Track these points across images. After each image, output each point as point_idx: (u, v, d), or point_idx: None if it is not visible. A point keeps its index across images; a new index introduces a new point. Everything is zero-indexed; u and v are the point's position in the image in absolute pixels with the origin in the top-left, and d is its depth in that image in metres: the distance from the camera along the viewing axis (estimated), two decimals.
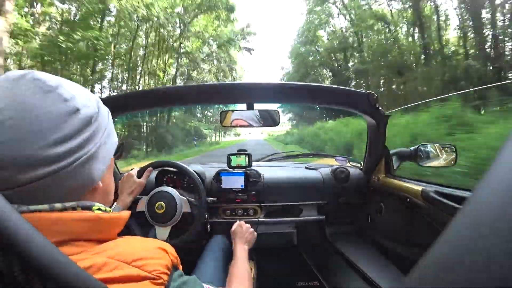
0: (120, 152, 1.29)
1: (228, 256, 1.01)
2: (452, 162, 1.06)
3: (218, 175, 1.32)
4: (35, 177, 0.32)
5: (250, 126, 1.10)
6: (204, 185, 1.15)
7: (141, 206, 1.02)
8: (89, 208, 0.38)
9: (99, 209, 0.39)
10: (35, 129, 0.32)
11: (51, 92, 0.34)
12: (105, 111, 0.43)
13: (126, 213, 0.44)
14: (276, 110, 1.09)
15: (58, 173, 0.33)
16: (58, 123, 0.33)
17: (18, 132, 0.31)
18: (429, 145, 1.17)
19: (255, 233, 1.02)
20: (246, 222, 1.07)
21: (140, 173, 1.03)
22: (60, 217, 0.34)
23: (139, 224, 1.03)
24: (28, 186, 0.32)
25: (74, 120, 0.35)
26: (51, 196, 0.34)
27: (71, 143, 0.34)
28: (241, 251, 0.88)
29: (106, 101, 0.47)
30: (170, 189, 1.04)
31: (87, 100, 0.38)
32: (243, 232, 0.98)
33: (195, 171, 1.12)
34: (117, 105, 1.06)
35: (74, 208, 0.36)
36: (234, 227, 1.02)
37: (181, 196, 1.04)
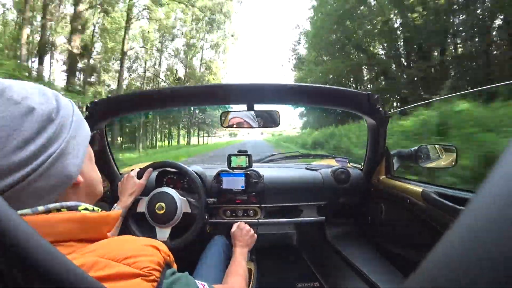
0: (96, 142, 1.28)
1: (228, 256, 1.02)
2: (453, 163, 1.06)
3: (218, 176, 1.32)
4: (7, 186, 0.31)
5: (250, 126, 1.10)
6: (204, 186, 1.15)
7: (141, 207, 1.03)
8: (75, 209, 0.37)
9: (85, 209, 0.39)
10: None
11: None
12: (68, 104, 0.41)
13: (116, 212, 0.43)
14: (276, 110, 1.09)
15: (28, 178, 0.32)
16: (14, 127, 0.32)
17: None
18: (429, 146, 1.17)
19: (255, 235, 1.02)
20: (246, 223, 1.07)
21: (140, 174, 1.03)
22: (46, 219, 0.33)
23: (140, 225, 1.03)
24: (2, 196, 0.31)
25: (31, 120, 0.33)
26: (29, 200, 0.34)
27: (34, 145, 0.33)
28: (240, 253, 0.89)
29: (103, 103, 0.46)
30: (170, 190, 1.04)
31: (41, 96, 0.36)
32: (243, 235, 0.98)
33: (195, 172, 1.12)
34: (113, 107, 1.06)
35: (58, 210, 0.36)
36: (233, 228, 1.02)
37: (181, 197, 1.04)
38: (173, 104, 1.16)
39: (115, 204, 0.94)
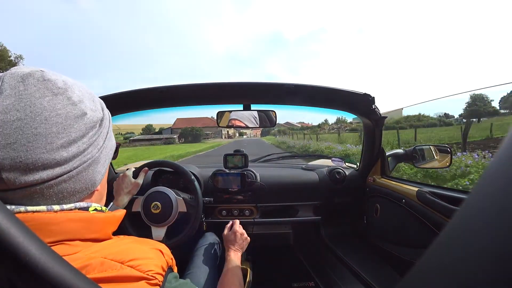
0: (116, 154, 1.28)
1: (220, 254, 1.01)
2: (447, 163, 1.07)
3: (214, 176, 1.31)
4: (40, 180, 0.31)
5: (247, 126, 1.10)
6: (200, 185, 1.14)
7: (137, 207, 1.01)
8: (86, 209, 0.38)
9: (95, 209, 0.39)
10: (42, 132, 0.31)
11: (61, 95, 0.34)
12: (108, 115, 0.43)
13: (121, 212, 0.43)
14: (273, 110, 1.09)
15: (62, 176, 0.33)
16: (65, 126, 0.33)
17: (25, 135, 0.30)
18: (424, 147, 1.18)
19: (248, 238, 0.98)
20: (242, 222, 1.05)
21: (135, 174, 1.02)
22: (55, 217, 0.33)
23: (135, 225, 1.02)
24: (30, 188, 0.31)
25: (81, 124, 0.35)
26: (52, 198, 0.34)
27: (77, 147, 0.34)
28: (234, 257, 0.87)
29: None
30: (166, 189, 1.03)
31: (93, 103, 0.38)
32: (236, 239, 0.94)
33: (191, 172, 1.11)
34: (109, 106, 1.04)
35: (71, 210, 0.36)
36: (226, 231, 0.98)
37: (177, 196, 1.03)
38: (167, 104, 1.14)
39: (111, 203, 0.93)
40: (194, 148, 21.39)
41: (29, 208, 0.32)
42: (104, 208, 0.41)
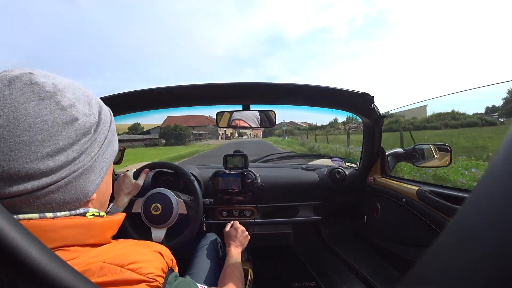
0: (120, 158, 1.27)
1: (221, 254, 1.02)
2: (447, 162, 1.07)
3: (214, 177, 1.31)
4: (24, 190, 0.30)
5: (250, 127, 1.11)
6: (201, 187, 1.14)
7: (137, 208, 1.01)
8: (83, 215, 0.36)
9: (92, 214, 0.38)
10: (26, 140, 0.29)
11: (48, 99, 0.31)
12: (108, 117, 0.40)
13: (120, 216, 0.42)
14: (272, 110, 1.09)
15: (49, 187, 0.31)
16: (52, 134, 0.31)
17: (7, 143, 0.28)
18: (424, 145, 1.17)
19: (248, 236, 1.02)
20: (242, 223, 1.06)
21: (136, 174, 1.01)
22: (52, 224, 0.32)
23: (135, 226, 1.02)
24: (15, 198, 0.30)
25: (71, 131, 0.32)
26: (40, 209, 0.32)
27: (65, 156, 0.32)
28: (235, 253, 0.89)
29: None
30: (166, 191, 1.03)
31: (88, 107, 0.36)
32: (237, 235, 0.98)
33: (191, 173, 1.11)
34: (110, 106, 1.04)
35: (66, 217, 0.35)
36: (227, 228, 1.02)
37: (177, 198, 1.03)
38: (166, 105, 1.14)
39: (111, 204, 0.93)
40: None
41: (21, 216, 0.31)
42: (102, 212, 0.40)
